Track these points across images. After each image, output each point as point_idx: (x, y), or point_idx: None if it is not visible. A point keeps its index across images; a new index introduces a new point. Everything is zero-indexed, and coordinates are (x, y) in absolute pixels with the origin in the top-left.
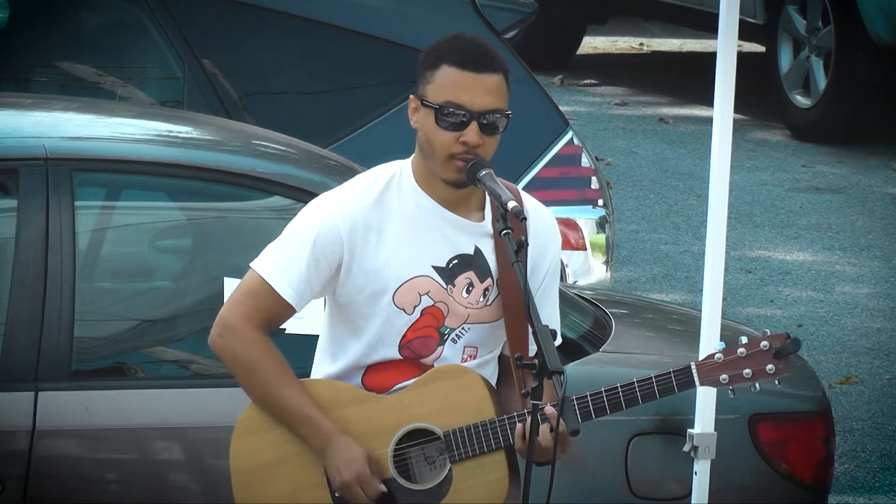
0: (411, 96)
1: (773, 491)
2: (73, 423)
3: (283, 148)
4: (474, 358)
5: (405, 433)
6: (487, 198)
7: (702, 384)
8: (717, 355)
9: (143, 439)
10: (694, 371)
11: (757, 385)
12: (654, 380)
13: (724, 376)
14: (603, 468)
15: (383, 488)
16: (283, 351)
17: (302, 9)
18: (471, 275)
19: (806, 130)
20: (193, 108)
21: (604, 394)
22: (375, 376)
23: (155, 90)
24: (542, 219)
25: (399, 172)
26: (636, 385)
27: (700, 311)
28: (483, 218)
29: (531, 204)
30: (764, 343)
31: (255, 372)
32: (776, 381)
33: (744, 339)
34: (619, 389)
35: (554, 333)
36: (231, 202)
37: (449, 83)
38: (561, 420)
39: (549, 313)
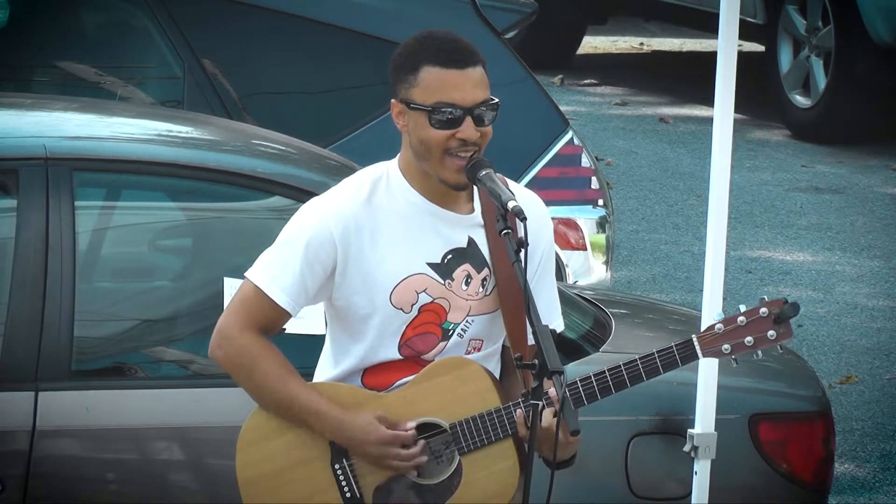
0: (393, 101)
1: (773, 491)
2: (73, 423)
3: (283, 148)
4: (479, 350)
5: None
6: (476, 187)
7: (704, 355)
8: (717, 326)
9: (144, 439)
10: (696, 343)
11: (759, 352)
12: (656, 355)
13: (726, 346)
14: (603, 468)
15: (412, 432)
16: (283, 351)
17: (302, 9)
18: (467, 267)
19: (806, 130)
20: (193, 108)
21: (607, 373)
22: (375, 376)
23: (155, 90)
24: (532, 206)
25: (386, 173)
26: (639, 361)
27: (700, 311)
28: (473, 209)
29: (521, 192)
30: (763, 310)
31: (256, 374)
32: (778, 347)
33: (742, 308)
34: (622, 367)
35: (553, 333)
36: (231, 202)
37: (436, 84)
38: (561, 421)
39: (548, 300)
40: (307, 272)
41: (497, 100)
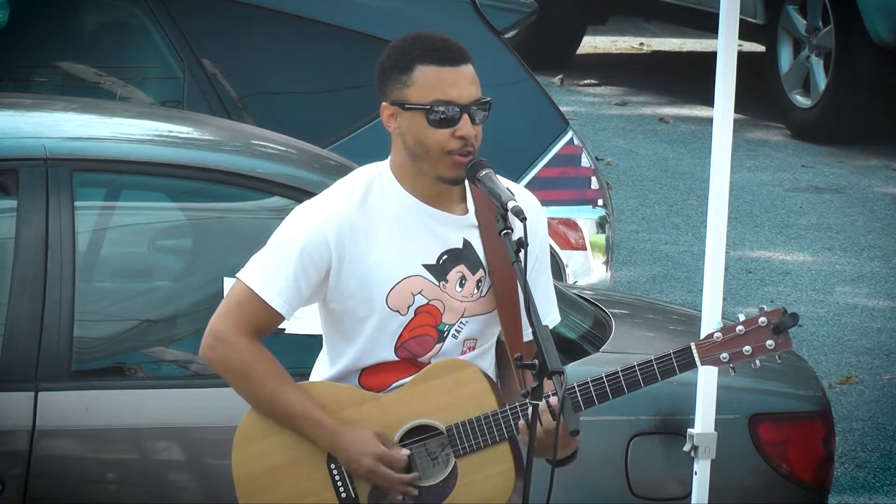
0: (384, 104)
1: (773, 491)
2: (73, 423)
3: (283, 148)
4: (473, 350)
5: (407, 430)
6: (468, 188)
7: (703, 364)
8: (715, 334)
9: (143, 439)
10: (694, 351)
11: (757, 361)
12: (654, 362)
13: (724, 355)
14: (603, 468)
15: (406, 454)
16: (283, 351)
17: (302, 9)
18: (462, 268)
19: (806, 130)
20: (193, 108)
21: (605, 379)
22: (372, 376)
23: (155, 90)
24: (526, 203)
25: (378, 174)
26: (637, 368)
27: (700, 311)
28: (466, 210)
29: (514, 190)
30: (762, 319)
31: (252, 379)
32: (776, 357)
33: (741, 317)
34: (620, 373)
35: (554, 335)
36: (231, 202)
37: (432, 82)
38: (561, 420)
39: (544, 294)
40: (301, 275)
41: (489, 99)
